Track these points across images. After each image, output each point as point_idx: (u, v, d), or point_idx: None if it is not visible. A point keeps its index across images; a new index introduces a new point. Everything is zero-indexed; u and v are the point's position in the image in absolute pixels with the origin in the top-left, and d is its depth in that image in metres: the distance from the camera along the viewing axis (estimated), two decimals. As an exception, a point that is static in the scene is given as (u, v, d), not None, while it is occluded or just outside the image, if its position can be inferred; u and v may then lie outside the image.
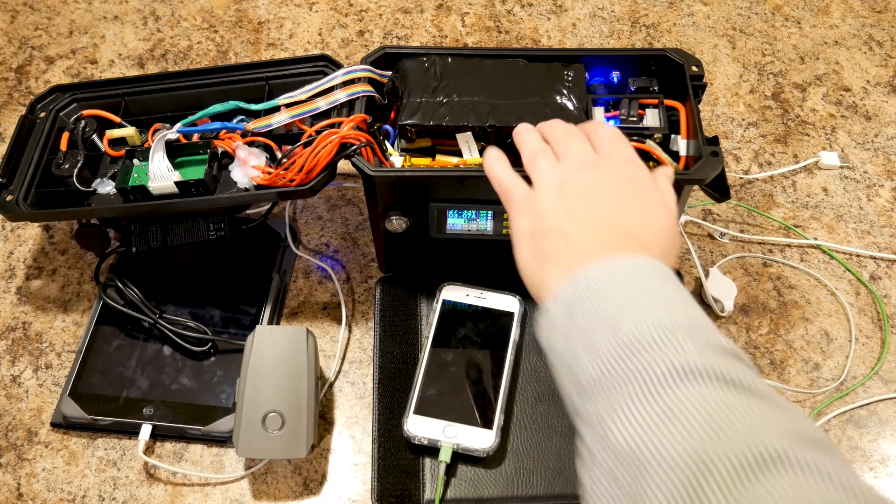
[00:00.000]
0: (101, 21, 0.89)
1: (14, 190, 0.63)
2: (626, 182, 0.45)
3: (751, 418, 0.32)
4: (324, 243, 0.72)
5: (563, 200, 0.44)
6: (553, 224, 0.43)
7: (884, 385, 0.64)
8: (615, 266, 0.40)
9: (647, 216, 0.44)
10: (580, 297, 0.39)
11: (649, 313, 0.37)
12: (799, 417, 0.34)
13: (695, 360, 0.34)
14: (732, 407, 0.33)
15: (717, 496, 0.30)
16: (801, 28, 0.87)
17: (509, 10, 0.89)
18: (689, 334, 0.36)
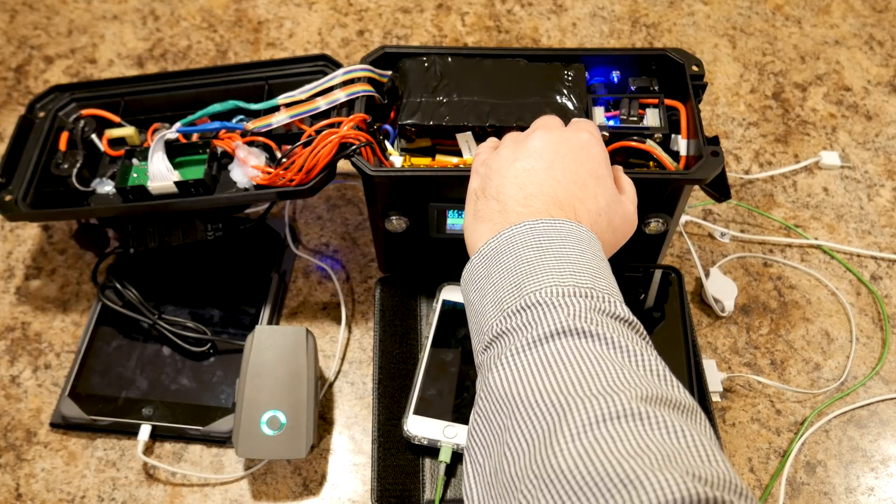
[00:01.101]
0: (100, 21, 0.88)
1: (13, 190, 0.63)
2: (575, 150, 0.46)
3: (618, 377, 0.35)
4: (323, 243, 0.72)
5: (510, 166, 0.46)
6: (493, 187, 0.45)
7: (884, 385, 0.64)
8: (536, 227, 0.42)
9: (586, 189, 0.45)
10: (499, 253, 0.42)
11: (554, 277, 0.39)
12: (666, 379, 0.36)
13: (580, 322, 0.37)
14: (602, 364, 0.35)
15: (567, 439, 0.32)
16: (802, 28, 0.87)
17: (509, 9, 0.88)
18: (585, 299, 0.38)
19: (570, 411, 0.34)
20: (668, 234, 0.61)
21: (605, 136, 0.57)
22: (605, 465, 0.31)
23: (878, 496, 0.59)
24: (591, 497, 0.31)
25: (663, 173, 0.55)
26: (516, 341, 0.38)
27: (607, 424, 0.33)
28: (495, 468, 0.36)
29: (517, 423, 0.35)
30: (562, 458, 0.32)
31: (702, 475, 0.31)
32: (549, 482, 0.32)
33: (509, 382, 0.37)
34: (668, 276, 0.65)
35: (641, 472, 0.30)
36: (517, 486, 0.34)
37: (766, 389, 0.64)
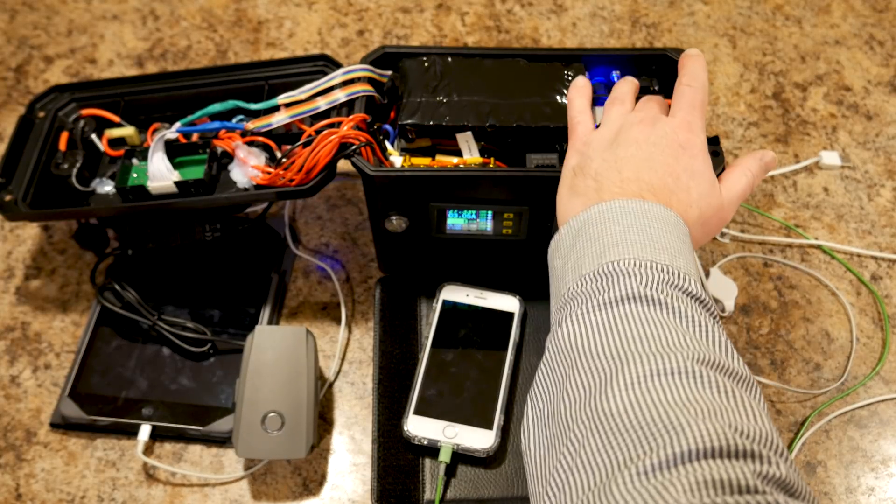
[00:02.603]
0: (100, 20, 0.88)
1: (13, 190, 0.63)
2: (674, 146, 0.47)
3: (678, 340, 0.37)
4: (323, 243, 0.72)
5: (611, 149, 0.48)
6: (593, 168, 0.47)
7: (885, 385, 0.64)
8: (626, 205, 0.44)
9: (678, 182, 0.46)
10: (587, 225, 0.44)
11: (636, 251, 0.41)
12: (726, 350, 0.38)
13: (651, 291, 0.39)
14: (664, 329, 0.38)
15: (621, 387, 0.35)
16: (802, 27, 0.87)
17: (509, 9, 0.88)
18: (661, 273, 0.40)
19: (627, 364, 0.36)
20: (668, 234, 0.61)
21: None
22: (653, 412, 0.34)
23: (878, 496, 0.59)
24: (635, 438, 0.33)
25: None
26: (588, 303, 0.40)
27: (660, 378, 0.35)
28: (553, 412, 0.39)
29: (578, 373, 0.38)
30: (613, 404, 0.35)
31: (743, 430, 0.33)
32: (599, 424, 0.35)
33: (575, 337, 0.39)
34: (668, 276, 0.65)
35: (685, 421, 0.33)
36: (570, 427, 0.37)
37: (767, 389, 0.64)
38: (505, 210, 0.59)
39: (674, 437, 0.32)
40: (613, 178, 0.46)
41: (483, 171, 0.55)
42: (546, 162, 0.57)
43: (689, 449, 0.32)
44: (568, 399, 0.38)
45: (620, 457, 0.33)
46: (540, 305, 0.65)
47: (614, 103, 0.52)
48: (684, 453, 0.32)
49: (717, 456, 0.32)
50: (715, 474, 0.31)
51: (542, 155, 0.57)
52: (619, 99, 0.53)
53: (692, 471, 0.31)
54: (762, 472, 0.32)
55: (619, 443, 0.34)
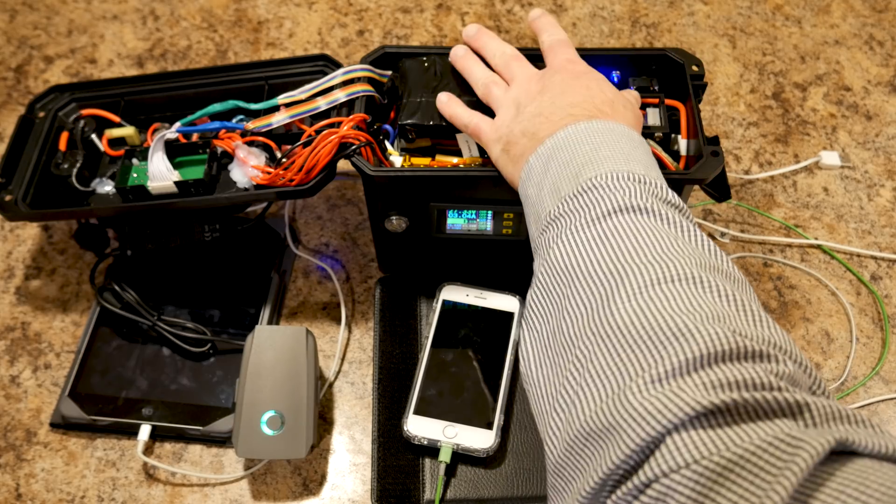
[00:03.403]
0: (100, 20, 0.88)
1: (13, 190, 0.63)
2: (569, 76, 0.50)
3: (672, 246, 0.37)
4: (323, 243, 0.72)
5: (521, 113, 0.49)
6: (516, 133, 0.49)
7: (884, 385, 0.64)
8: (588, 126, 0.45)
9: (591, 89, 0.49)
10: (556, 150, 0.45)
11: (610, 165, 0.42)
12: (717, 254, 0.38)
13: (637, 201, 0.39)
14: (658, 236, 0.38)
15: (624, 299, 0.35)
16: (802, 27, 0.87)
17: (509, 9, 0.88)
18: (639, 184, 0.41)
19: (628, 275, 0.36)
20: (668, 234, 0.61)
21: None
22: (659, 320, 0.34)
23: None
24: (644, 349, 0.33)
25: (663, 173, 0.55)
26: (576, 221, 0.40)
27: (662, 286, 0.35)
28: (554, 331, 0.38)
29: (577, 290, 0.38)
30: (618, 316, 0.35)
31: (750, 334, 0.33)
32: (605, 337, 0.35)
33: (569, 255, 0.39)
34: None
35: (693, 326, 0.33)
36: (575, 343, 0.36)
37: (767, 389, 0.64)
38: (505, 210, 0.59)
39: (683, 343, 0.32)
40: (539, 122, 0.47)
41: (483, 171, 0.55)
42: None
43: (700, 354, 0.32)
44: (570, 317, 0.38)
45: (631, 368, 0.33)
46: (540, 305, 0.65)
47: (488, 89, 0.54)
48: (696, 358, 0.32)
49: (728, 359, 0.32)
50: (729, 375, 0.31)
51: (542, 155, 0.57)
52: (490, 82, 0.54)
53: (705, 375, 0.31)
54: (775, 370, 0.32)
55: (629, 354, 0.34)
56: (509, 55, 0.55)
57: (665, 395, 0.31)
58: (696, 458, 0.30)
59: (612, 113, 0.47)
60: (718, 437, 0.30)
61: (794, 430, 0.29)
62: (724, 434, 0.30)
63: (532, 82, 0.51)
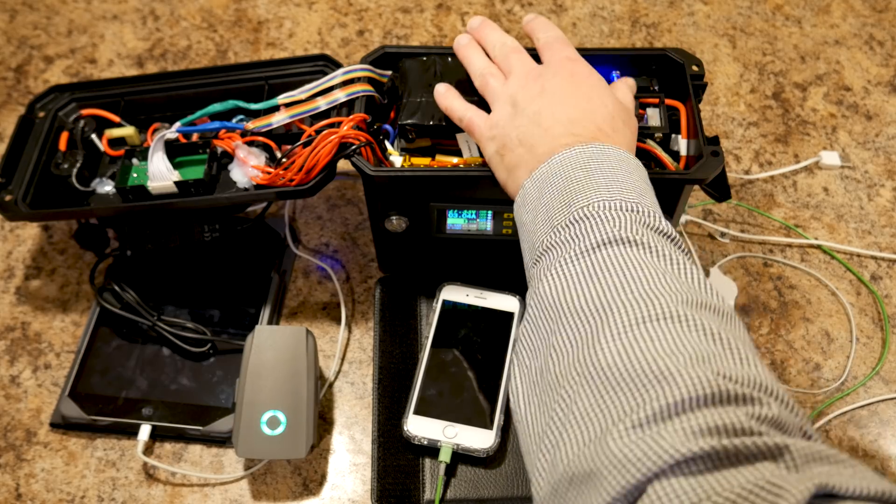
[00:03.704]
0: (100, 20, 0.88)
1: (13, 190, 0.63)
2: (570, 82, 0.49)
3: (660, 282, 0.37)
4: (323, 243, 0.72)
5: (518, 115, 0.49)
6: (513, 138, 0.48)
7: (885, 385, 0.64)
8: (588, 151, 0.44)
9: (592, 102, 0.48)
10: (550, 175, 0.44)
11: (602, 194, 0.42)
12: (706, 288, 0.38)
13: (626, 233, 0.39)
14: (645, 270, 0.38)
15: (609, 338, 0.35)
16: (802, 27, 0.87)
17: (509, 9, 0.88)
18: (631, 213, 0.40)
19: (613, 314, 0.36)
20: (668, 234, 0.61)
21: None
22: (642, 362, 0.33)
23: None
24: (626, 391, 0.33)
25: (663, 173, 0.55)
26: (565, 253, 0.40)
27: (647, 325, 0.35)
28: (541, 368, 0.38)
29: (563, 327, 0.38)
30: (602, 356, 0.35)
31: (733, 375, 0.33)
32: (589, 378, 0.35)
33: (557, 291, 0.39)
34: (668, 276, 0.65)
35: (675, 369, 0.33)
36: (560, 383, 0.36)
37: (767, 389, 0.64)
38: (505, 210, 0.59)
39: (665, 387, 0.32)
40: (538, 134, 0.47)
41: (483, 171, 0.55)
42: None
43: (682, 398, 0.32)
44: (556, 355, 0.38)
45: (613, 411, 0.33)
46: (540, 305, 0.65)
47: (486, 80, 0.53)
48: (677, 403, 0.32)
49: (710, 404, 0.32)
50: (709, 421, 0.31)
51: (542, 155, 0.57)
52: (487, 73, 0.53)
53: (686, 420, 0.31)
54: (756, 413, 0.32)
55: (611, 396, 0.34)
56: (510, 47, 0.54)
57: (646, 441, 0.31)
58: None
59: (612, 133, 0.47)
60: (700, 484, 0.30)
61: (774, 477, 0.29)
62: (706, 481, 0.30)
63: (530, 79, 0.50)
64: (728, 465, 0.30)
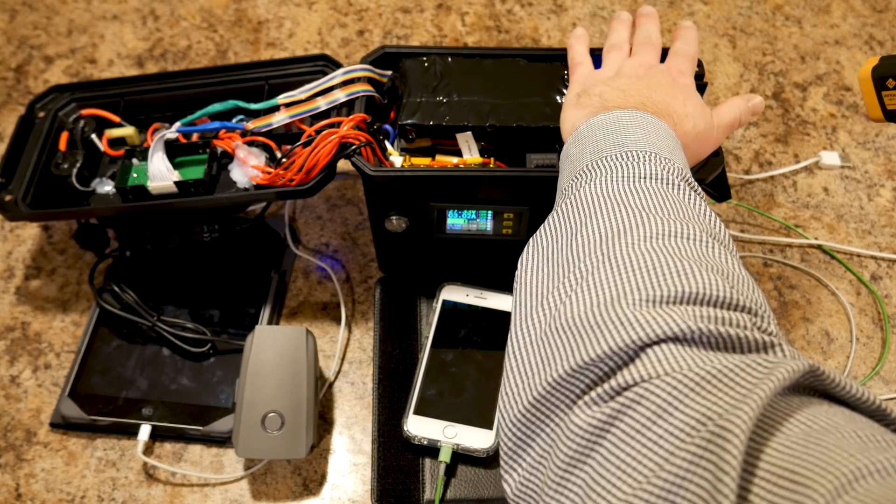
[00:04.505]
0: (100, 20, 0.88)
1: (13, 190, 0.63)
2: (670, 80, 0.53)
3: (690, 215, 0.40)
4: (323, 243, 0.72)
5: (613, 80, 0.52)
6: (596, 91, 0.51)
7: (885, 385, 0.64)
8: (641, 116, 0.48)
9: (675, 99, 0.50)
10: (607, 124, 0.47)
11: (651, 146, 0.45)
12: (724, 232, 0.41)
13: (668, 175, 0.42)
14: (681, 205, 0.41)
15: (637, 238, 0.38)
16: (802, 27, 0.87)
17: (509, 9, 0.88)
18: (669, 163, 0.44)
19: (646, 222, 0.39)
20: (668, 234, 0.61)
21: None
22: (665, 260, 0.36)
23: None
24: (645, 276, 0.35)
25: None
26: (611, 174, 0.43)
27: (675, 238, 0.38)
28: (562, 248, 0.40)
29: (595, 220, 0.40)
30: (628, 248, 0.37)
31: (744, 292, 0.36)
32: (611, 260, 0.37)
33: (596, 196, 0.42)
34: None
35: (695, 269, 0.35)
36: (581, 259, 0.39)
37: (767, 389, 0.64)
38: (505, 210, 0.59)
39: (683, 280, 0.34)
40: (616, 96, 0.50)
41: (483, 171, 0.56)
42: (546, 162, 0.57)
43: (696, 291, 0.34)
44: (581, 239, 0.40)
45: (629, 286, 0.35)
46: (540, 305, 0.65)
47: (612, 50, 0.56)
48: (691, 294, 0.34)
49: (720, 304, 0.34)
50: (717, 314, 0.33)
51: (542, 155, 0.57)
52: (617, 46, 0.57)
53: (697, 308, 0.34)
54: (757, 323, 0.34)
55: (630, 276, 0.36)
56: (652, 40, 0.57)
57: (655, 312, 0.33)
58: (676, 369, 0.31)
59: (679, 123, 0.49)
60: (699, 355, 0.32)
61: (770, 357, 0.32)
62: (705, 354, 0.32)
63: (643, 67, 0.54)
64: (728, 348, 0.33)
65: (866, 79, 0.52)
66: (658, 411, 0.31)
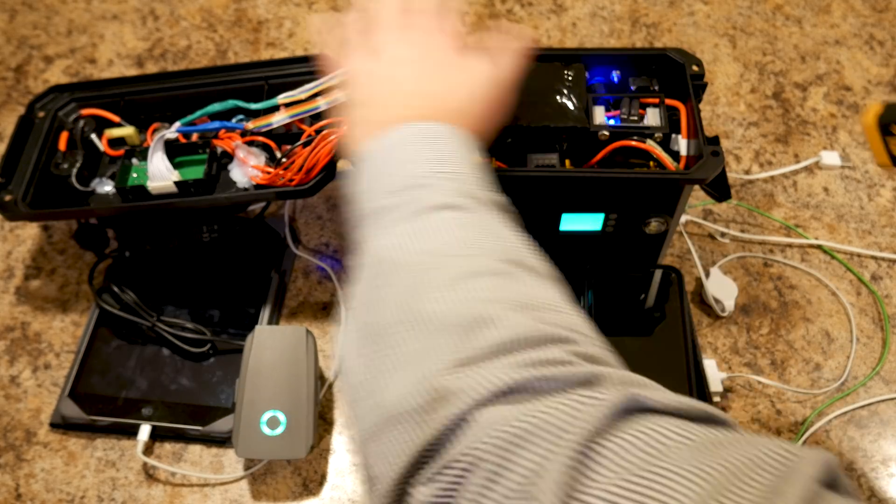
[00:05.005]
0: (99, 20, 0.88)
1: (13, 190, 0.63)
2: (443, 55, 0.50)
3: (481, 242, 0.40)
4: (323, 243, 0.72)
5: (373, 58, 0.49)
6: (365, 94, 0.49)
7: (885, 385, 0.64)
8: (417, 129, 0.46)
9: (446, 82, 0.49)
10: (383, 150, 0.46)
11: (431, 165, 0.44)
12: (523, 249, 0.41)
13: (454, 199, 0.42)
14: (471, 233, 0.41)
15: (434, 291, 0.37)
16: (802, 27, 0.87)
17: (509, 9, 0.88)
18: (457, 182, 0.43)
19: (439, 268, 0.39)
20: (668, 235, 0.61)
21: (606, 135, 0.57)
22: (467, 309, 0.36)
23: (878, 497, 0.59)
24: (452, 335, 0.35)
25: (664, 173, 0.55)
26: (398, 213, 0.42)
27: (471, 280, 0.38)
28: (372, 321, 0.40)
29: (392, 281, 0.40)
30: (429, 306, 0.37)
31: (551, 320, 0.36)
32: (416, 325, 0.37)
33: (387, 247, 0.41)
34: (668, 276, 0.65)
35: (497, 314, 0.35)
36: (389, 332, 0.38)
37: (767, 389, 0.64)
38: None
39: (487, 330, 0.34)
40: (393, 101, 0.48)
41: (483, 171, 0.55)
42: (546, 162, 0.57)
43: (504, 340, 0.34)
44: (385, 307, 0.39)
45: (440, 352, 0.35)
46: (540, 305, 0.65)
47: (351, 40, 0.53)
48: (500, 344, 0.34)
49: (531, 345, 0.34)
50: (529, 357, 0.33)
51: (542, 155, 0.57)
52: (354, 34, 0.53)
53: (508, 357, 0.33)
54: (574, 350, 0.34)
55: (437, 340, 0.36)
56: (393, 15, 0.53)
57: (469, 376, 0.33)
58: (498, 428, 0.31)
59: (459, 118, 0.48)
60: (518, 408, 0.32)
61: (590, 391, 0.32)
62: (526, 404, 0.32)
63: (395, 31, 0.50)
64: (548, 392, 0.33)
65: (871, 126, 0.52)
66: (491, 476, 0.31)
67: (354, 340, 0.41)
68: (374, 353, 0.38)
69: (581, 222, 0.60)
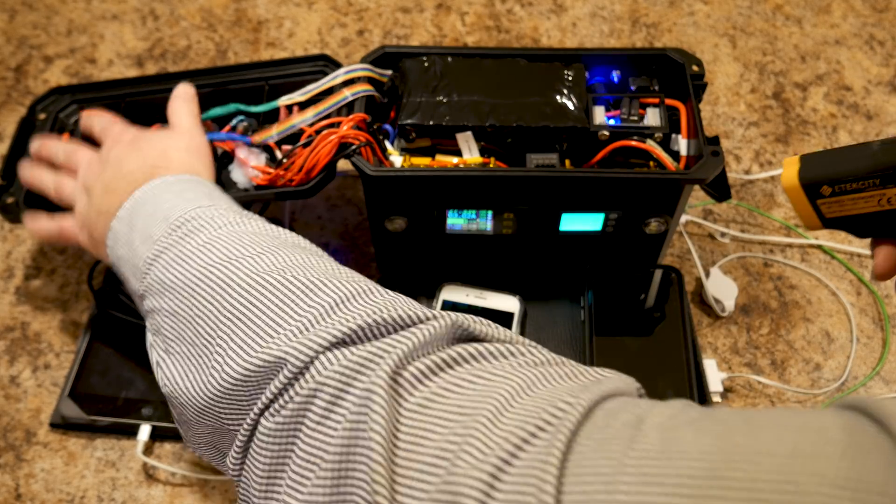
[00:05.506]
0: (99, 20, 0.88)
1: (15, 192, 0.63)
2: (124, 146, 0.55)
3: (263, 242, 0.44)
4: (323, 243, 0.72)
5: (92, 196, 0.53)
6: (93, 214, 0.53)
7: (885, 385, 0.64)
8: (164, 181, 0.50)
9: (143, 151, 0.54)
10: (137, 206, 0.49)
11: (194, 203, 0.48)
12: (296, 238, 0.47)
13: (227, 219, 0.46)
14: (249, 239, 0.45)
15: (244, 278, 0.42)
16: (802, 27, 0.87)
17: (509, 9, 0.88)
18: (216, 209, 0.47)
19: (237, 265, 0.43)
20: (668, 235, 0.61)
21: (606, 135, 0.57)
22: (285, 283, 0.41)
23: (878, 496, 0.59)
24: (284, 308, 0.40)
25: (664, 173, 0.55)
26: (179, 251, 0.45)
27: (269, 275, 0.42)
28: (192, 339, 0.42)
29: (199, 291, 0.43)
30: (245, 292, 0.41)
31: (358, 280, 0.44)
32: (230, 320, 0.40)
33: (183, 272, 0.44)
34: (668, 276, 0.65)
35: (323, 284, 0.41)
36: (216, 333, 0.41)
37: (767, 389, 0.64)
38: (505, 210, 0.59)
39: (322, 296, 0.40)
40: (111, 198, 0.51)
41: (483, 171, 0.56)
42: (546, 162, 0.57)
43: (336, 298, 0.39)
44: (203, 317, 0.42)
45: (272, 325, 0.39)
46: (540, 305, 0.65)
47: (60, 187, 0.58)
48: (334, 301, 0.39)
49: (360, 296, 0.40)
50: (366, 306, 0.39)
51: (542, 155, 0.57)
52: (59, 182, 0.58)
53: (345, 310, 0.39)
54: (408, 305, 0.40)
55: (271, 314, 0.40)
56: (70, 149, 0.59)
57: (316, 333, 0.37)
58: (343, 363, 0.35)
59: (167, 164, 0.53)
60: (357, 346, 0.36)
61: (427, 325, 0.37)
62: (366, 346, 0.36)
63: (94, 163, 0.55)
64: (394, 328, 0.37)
65: (795, 188, 0.44)
66: (331, 402, 0.35)
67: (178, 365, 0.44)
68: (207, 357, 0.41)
69: (581, 222, 0.60)
